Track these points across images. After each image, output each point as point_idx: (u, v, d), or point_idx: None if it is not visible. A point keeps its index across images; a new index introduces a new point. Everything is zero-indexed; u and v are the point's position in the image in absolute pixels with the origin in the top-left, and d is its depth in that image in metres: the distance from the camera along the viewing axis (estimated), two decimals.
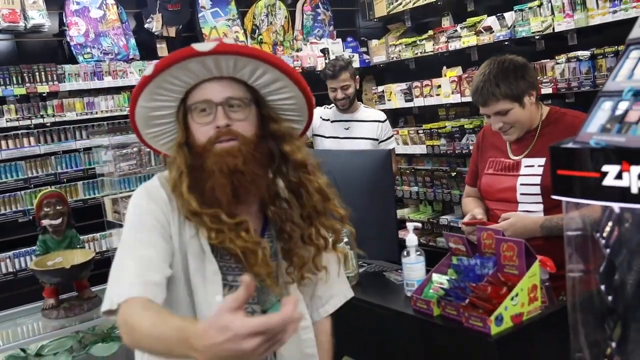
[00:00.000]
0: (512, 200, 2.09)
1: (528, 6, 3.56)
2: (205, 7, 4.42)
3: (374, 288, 2.06)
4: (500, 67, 2.02)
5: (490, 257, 1.70)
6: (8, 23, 3.57)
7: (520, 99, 2.01)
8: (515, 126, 2.06)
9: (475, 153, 2.35)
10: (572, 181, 1.11)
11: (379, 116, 3.57)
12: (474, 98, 2.09)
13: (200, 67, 1.23)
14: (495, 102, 2.01)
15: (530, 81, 2.03)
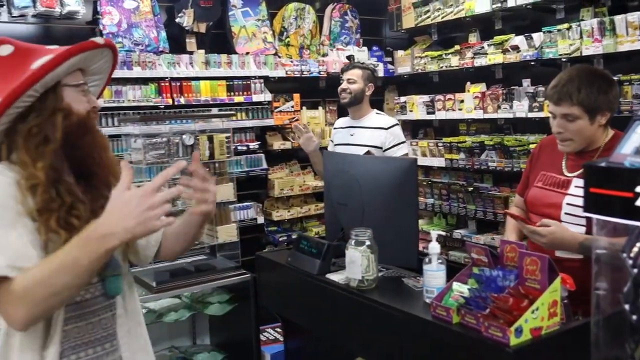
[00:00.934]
0: (556, 217, 2.07)
1: (557, 28, 3.59)
2: (236, 6, 4.48)
3: (392, 292, 2.09)
4: (589, 74, 1.99)
5: (512, 270, 1.73)
6: (45, 8, 3.64)
7: (594, 113, 1.98)
8: (574, 139, 2.02)
9: (529, 164, 2.34)
10: (605, 200, 1.14)
11: (384, 123, 3.48)
12: (549, 92, 2.04)
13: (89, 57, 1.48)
14: (569, 105, 1.97)
15: (611, 100, 2.00)
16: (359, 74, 3.52)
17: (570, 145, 2.06)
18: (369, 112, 3.58)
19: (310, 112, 4.80)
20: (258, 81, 4.40)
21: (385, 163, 2.46)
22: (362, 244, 2.08)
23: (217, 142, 3.28)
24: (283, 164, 4.72)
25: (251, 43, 4.52)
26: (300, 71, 4.62)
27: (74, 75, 1.46)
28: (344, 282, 2.18)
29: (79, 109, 1.45)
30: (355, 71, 3.53)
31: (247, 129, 4.42)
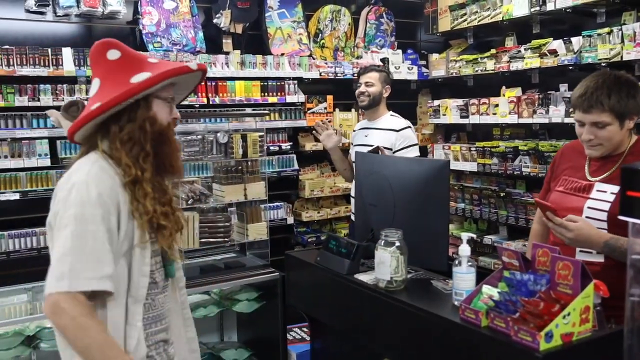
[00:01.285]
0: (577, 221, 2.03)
1: (597, 32, 3.52)
2: (273, 8, 4.53)
3: (420, 294, 2.08)
4: (616, 79, 1.99)
5: (543, 274, 1.70)
6: (88, 8, 3.74)
7: (624, 117, 1.98)
8: (604, 144, 2.02)
9: (550, 172, 2.33)
10: None
11: (396, 124, 3.51)
12: (577, 101, 2.03)
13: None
14: (599, 112, 1.96)
15: (638, 104, 1.99)
16: (377, 77, 3.56)
17: (600, 150, 2.04)
18: (384, 114, 3.62)
19: (343, 114, 4.81)
20: (292, 82, 4.43)
21: (418, 164, 2.45)
22: (391, 245, 2.08)
23: (251, 141, 3.31)
24: (314, 165, 4.74)
25: (286, 44, 4.56)
26: (334, 73, 4.63)
27: (166, 89, 1.67)
28: (372, 282, 2.18)
29: (162, 120, 1.66)
30: (372, 74, 3.58)
31: (280, 129, 4.45)
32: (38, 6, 3.63)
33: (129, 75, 1.58)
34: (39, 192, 3.61)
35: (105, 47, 1.64)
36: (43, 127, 3.60)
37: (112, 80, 1.59)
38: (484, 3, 4.33)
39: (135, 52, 1.70)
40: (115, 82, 1.58)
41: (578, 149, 2.19)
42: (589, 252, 2.04)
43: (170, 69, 1.61)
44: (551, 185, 2.27)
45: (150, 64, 1.65)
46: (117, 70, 1.60)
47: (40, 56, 3.59)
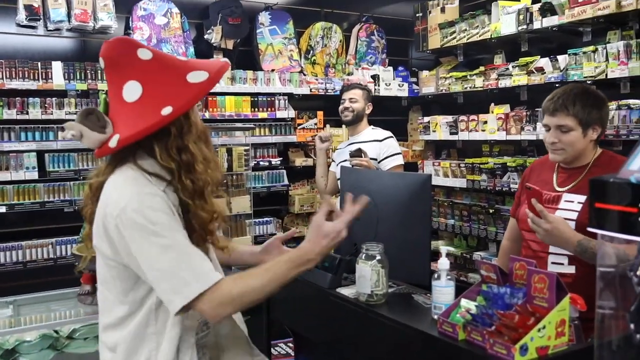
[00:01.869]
0: None
1: (582, 50, 3.56)
2: (264, 24, 4.57)
3: (400, 308, 2.07)
4: (583, 90, 2.09)
5: (520, 287, 1.70)
6: (79, 22, 3.78)
7: (587, 126, 2.05)
8: (566, 149, 2.09)
9: (520, 187, 2.40)
10: (609, 215, 1.13)
11: (379, 135, 3.64)
12: (545, 105, 2.12)
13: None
14: (564, 116, 2.04)
15: (602, 117, 2.09)
16: (360, 94, 3.67)
17: (562, 155, 2.11)
18: (366, 128, 3.73)
19: (334, 130, 4.83)
20: (282, 98, 4.46)
21: (400, 178, 2.45)
22: (372, 258, 2.07)
23: (236, 154, 3.33)
24: (304, 180, 4.75)
25: (277, 60, 4.59)
26: (325, 89, 4.67)
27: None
28: (353, 296, 2.17)
29: (198, 121, 1.56)
30: (356, 91, 3.68)
31: (270, 144, 4.47)
32: (29, 20, 3.67)
33: (182, 74, 1.46)
34: (25, 205, 3.61)
35: (132, 47, 1.48)
36: (31, 140, 3.61)
37: (162, 81, 1.44)
38: (472, 21, 4.37)
39: (162, 52, 1.59)
40: (168, 83, 1.44)
41: (546, 163, 2.27)
42: (561, 263, 2.09)
43: (223, 66, 1.52)
44: (521, 199, 2.32)
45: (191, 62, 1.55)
46: (161, 71, 1.46)
47: (30, 70, 3.61)
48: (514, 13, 3.99)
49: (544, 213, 1.96)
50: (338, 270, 2.32)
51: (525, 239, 2.24)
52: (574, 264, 2.10)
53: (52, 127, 3.69)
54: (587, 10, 3.48)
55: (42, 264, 3.69)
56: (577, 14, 3.55)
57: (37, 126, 3.64)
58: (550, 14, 3.76)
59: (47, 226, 3.79)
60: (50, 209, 3.73)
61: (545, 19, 3.79)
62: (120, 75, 1.48)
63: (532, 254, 2.16)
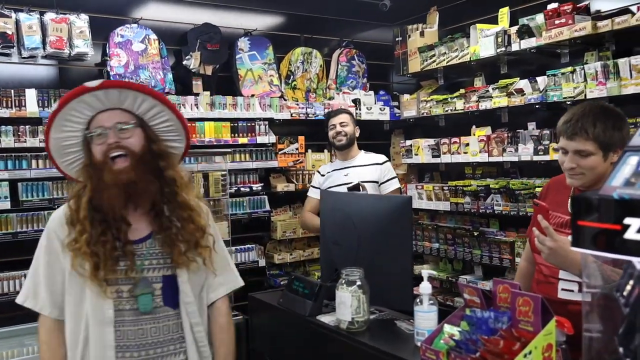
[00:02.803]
0: None
1: (561, 72, 3.57)
2: (244, 50, 4.55)
3: (383, 335, 2.00)
4: (603, 109, 1.94)
5: (505, 311, 1.64)
6: (54, 49, 3.72)
7: (608, 149, 1.90)
8: (586, 173, 1.93)
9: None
10: (592, 233, 1.08)
11: (378, 159, 3.68)
12: (561, 128, 1.97)
13: (94, 99, 1.66)
14: (583, 140, 1.89)
15: (624, 137, 1.92)
16: (348, 118, 3.70)
17: (581, 180, 1.96)
18: (358, 152, 3.74)
19: (316, 155, 4.79)
20: (263, 123, 4.42)
21: (380, 201, 2.41)
22: (352, 284, 2.01)
23: (212, 179, 3.26)
24: (286, 206, 4.68)
25: (257, 86, 4.56)
26: (306, 114, 4.64)
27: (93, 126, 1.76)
28: (334, 324, 2.10)
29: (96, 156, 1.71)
30: (344, 115, 3.70)
31: (251, 170, 4.41)
32: (2, 48, 3.60)
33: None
34: None
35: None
36: (3, 169, 3.51)
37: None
38: (451, 45, 4.39)
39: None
40: None
41: (563, 183, 2.11)
42: (571, 290, 1.97)
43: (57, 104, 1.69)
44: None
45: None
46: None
47: (3, 97, 3.53)
48: (492, 36, 4.01)
49: (550, 230, 1.83)
50: (318, 297, 2.25)
51: (537, 262, 2.12)
52: None
53: (26, 155, 3.59)
54: (563, 32, 3.50)
55: (14, 297, 3.53)
56: (554, 35, 3.57)
57: (9, 154, 3.54)
58: (528, 36, 3.78)
59: (20, 257, 3.66)
60: (24, 239, 3.61)
61: (523, 41, 3.81)
62: None
63: (543, 279, 2.06)
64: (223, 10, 4.57)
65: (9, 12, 3.64)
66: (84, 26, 3.84)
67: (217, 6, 4.55)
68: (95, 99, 1.67)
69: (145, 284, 1.72)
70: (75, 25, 3.80)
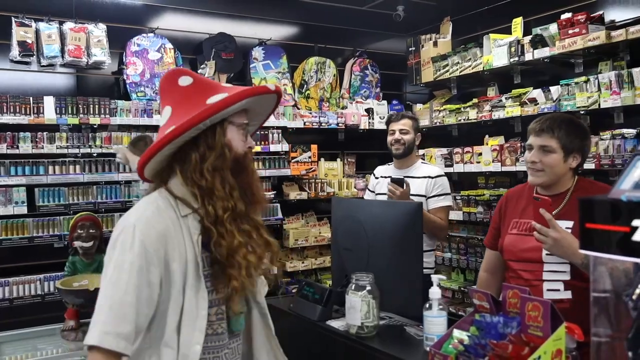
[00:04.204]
0: (537, 260, 2.11)
1: (574, 81, 3.57)
2: (258, 59, 4.59)
3: (392, 340, 2.00)
4: (570, 119, 2.18)
5: (514, 316, 1.63)
6: (72, 58, 3.79)
7: (569, 152, 2.11)
8: (546, 170, 2.12)
9: (497, 216, 2.39)
10: (601, 235, 1.08)
11: (431, 172, 3.36)
12: (531, 126, 2.19)
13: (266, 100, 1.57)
14: (548, 137, 2.10)
15: (583, 147, 2.15)
16: (410, 124, 3.39)
17: (541, 177, 2.13)
18: (416, 161, 3.45)
19: (328, 164, 4.81)
20: (276, 131, 4.45)
21: (391, 207, 2.41)
22: (362, 289, 2.02)
23: None
24: (299, 214, 4.69)
25: None
26: (319, 123, 4.66)
27: (239, 115, 1.53)
28: (343, 328, 2.10)
29: (238, 147, 1.52)
30: (406, 121, 3.39)
31: (264, 178, 4.43)
32: (22, 56, 3.68)
33: (205, 97, 1.46)
34: (14, 240, 3.54)
35: (176, 74, 1.54)
36: (21, 175, 3.57)
37: (187, 104, 1.46)
38: (464, 54, 4.40)
39: (208, 79, 1.62)
40: (190, 105, 1.45)
41: (523, 192, 2.29)
42: (557, 289, 2.07)
43: (248, 88, 1.49)
44: (501, 230, 2.31)
45: (225, 87, 1.54)
46: (191, 95, 1.48)
47: (22, 104, 3.60)
48: (506, 45, 4.01)
49: (553, 222, 1.96)
50: (328, 302, 2.26)
51: (513, 269, 2.22)
52: (570, 289, 2.07)
53: (43, 162, 3.65)
54: (577, 42, 3.50)
55: (29, 301, 3.60)
56: (567, 45, 3.57)
57: (27, 160, 3.61)
58: (542, 45, 3.78)
59: (35, 262, 3.71)
60: (39, 244, 3.67)
61: (536, 51, 3.81)
62: (163, 101, 1.56)
63: (525, 283, 2.11)
64: (238, 20, 4.62)
65: (29, 22, 3.72)
66: (101, 35, 3.91)
67: (232, 16, 4.60)
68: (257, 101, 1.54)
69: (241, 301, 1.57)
70: (93, 35, 3.87)
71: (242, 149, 1.53)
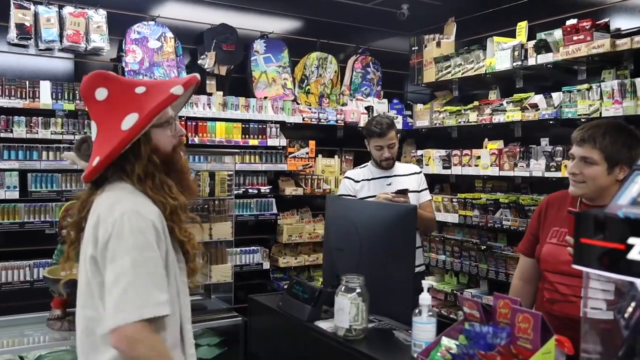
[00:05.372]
0: (577, 274, 1.96)
1: (577, 88, 3.53)
2: (259, 52, 4.55)
3: (380, 344, 1.97)
4: (618, 125, 2.01)
5: (504, 327, 1.61)
6: (71, 43, 3.75)
7: (613, 163, 1.95)
8: (587, 182, 1.98)
9: (535, 222, 2.25)
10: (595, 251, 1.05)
11: (415, 168, 3.55)
12: (574, 134, 2.04)
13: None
14: (590, 148, 1.96)
15: (633, 157, 1.95)
16: (394, 134, 3.39)
17: (582, 189, 2.00)
18: (396, 163, 3.51)
19: (326, 160, 4.78)
20: (274, 126, 4.41)
21: (385, 209, 2.38)
22: (352, 291, 1.99)
23: (219, 179, 3.25)
24: (294, 210, 4.66)
25: (270, 88, 4.56)
26: (318, 119, 4.62)
27: (162, 114, 1.60)
28: (331, 330, 2.07)
29: (166, 147, 1.63)
30: (391, 134, 3.35)
31: (260, 172, 4.40)
32: (20, 39, 3.63)
33: (119, 120, 1.54)
34: (4, 225, 3.51)
35: (92, 86, 1.60)
36: (14, 159, 3.53)
37: (106, 127, 1.56)
38: (467, 56, 4.36)
39: (122, 84, 1.63)
40: (108, 130, 1.55)
41: (566, 199, 2.14)
42: (599, 308, 1.96)
43: (155, 105, 1.55)
44: (540, 237, 2.19)
45: (137, 97, 1.58)
46: (107, 114, 1.57)
47: (17, 88, 3.56)
48: (509, 49, 3.97)
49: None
50: (317, 303, 2.23)
51: (549, 280, 2.11)
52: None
53: (37, 147, 3.61)
54: (581, 49, 3.46)
55: (18, 287, 3.57)
56: (571, 51, 3.53)
57: (20, 145, 3.57)
58: (545, 51, 3.74)
59: (26, 247, 3.68)
60: (31, 230, 3.63)
61: (540, 56, 3.77)
62: (88, 111, 1.66)
63: (561, 297, 2.03)
64: (240, 12, 4.58)
65: (28, 4, 3.67)
66: (101, 21, 3.86)
67: (235, 7, 4.56)
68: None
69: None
70: (92, 20, 3.83)
71: (170, 144, 1.64)
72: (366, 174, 3.49)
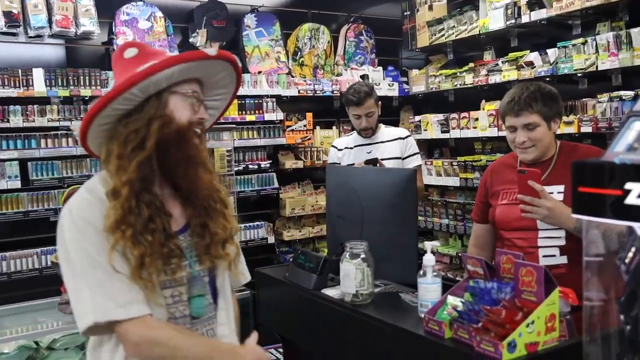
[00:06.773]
0: (532, 227, 2.11)
1: (572, 43, 3.51)
2: (250, 26, 4.51)
3: (387, 307, 2.00)
4: (539, 88, 2.15)
5: (508, 282, 1.63)
6: (60, 28, 3.71)
7: (549, 120, 2.13)
8: (536, 145, 2.12)
9: (483, 189, 2.38)
10: (593, 199, 1.06)
11: (401, 133, 3.42)
12: (506, 107, 2.15)
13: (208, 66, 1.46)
14: (529, 114, 2.09)
15: (559, 110, 2.17)
16: (373, 103, 3.30)
17: (533, 152, 2.13)
18: (380, 127, 3.44)
19: (324, 132, 4.77)
20: (270, 100, 4.39)
21: (385, 174, 2.39)
22: (356, 257, 2.00)
23: (218, 155, 3.26)
24: (295, 183, 4.67)
25: (264, 62, 4.53)
26: (314, 90, 4.60)
27: (188, 84, 1.44)
28: (338, 297, 2.10)
29: (180, 118, 1.41)
30: (369, 102, 3.27)
31: (259, 147, 4.40)
32: (8, 27, 3.60)
33: (137, 67, 1.37)
34: (8, 214, 3.53)
35: (124, 47, 1.48)
36: (13, 149, 3.53)
37: (122, 75, 1.39)
38: (460, 18, 4.32)
39: (156, 49, 1.54)
40: (123, 76, 1.38)
41: (508, 163, 2.29)
42: (552, 255, 2.09)
43: (178, 55, 1.38)
44: (491, 201, 2.30)
45: (165, 54, 1.45)
46: (130, 66, 1.40)
47: (10, 77, 3.54)
48: (502, 8, 3.94)
49: (544, 193, 1.98)
50: (322, 271, 2.25)
51: (506, 238, 2.22)
52: (565, 254, 2.08)
53: (35, 135, 3.61)
54: (575, 2, 3.43)
55: (27, 275, 3.60)
56: (565, 6, 3.50)
57: (18, 134, 3.57)
58: (538, 7, 3.71)
59: (31, 236, 3.71)
60: (35, 218, 3.65)
61: (533, 13, 3.74)
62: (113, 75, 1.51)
63: (520, 251, 2.11)
64: None
65: None
66: (89, 4, 3.82)
67: None
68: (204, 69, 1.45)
69: (201, 284, 1.50)
70: (80, 4, 3.79)
71: (187, 118, 1.42)
72: (349, 142, 3.46)
